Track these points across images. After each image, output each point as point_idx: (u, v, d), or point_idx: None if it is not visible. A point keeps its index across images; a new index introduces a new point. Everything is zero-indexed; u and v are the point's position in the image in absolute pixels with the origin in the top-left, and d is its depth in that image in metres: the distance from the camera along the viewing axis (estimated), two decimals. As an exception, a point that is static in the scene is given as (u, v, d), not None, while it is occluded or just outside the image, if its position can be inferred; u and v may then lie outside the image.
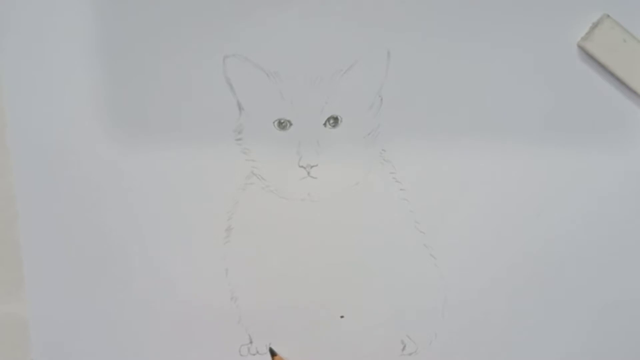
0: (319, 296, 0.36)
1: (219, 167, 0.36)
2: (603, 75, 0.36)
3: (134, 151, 0.35)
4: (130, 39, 0.35)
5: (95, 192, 0.36)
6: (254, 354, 0.36)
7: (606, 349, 0.34)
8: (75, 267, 0.36)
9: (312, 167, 0.36)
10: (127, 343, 0.36)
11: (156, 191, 0.36)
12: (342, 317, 0.36)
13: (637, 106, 0.36)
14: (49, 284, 0.36)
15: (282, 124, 0.35)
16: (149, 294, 0.36)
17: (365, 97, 0.36)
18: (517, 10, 0.35)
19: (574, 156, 0.36)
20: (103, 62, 0.35)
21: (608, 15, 0.35)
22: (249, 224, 0.36)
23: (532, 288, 0.36)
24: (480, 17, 0.35)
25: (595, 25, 0.35)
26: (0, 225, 0.36)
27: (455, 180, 0.36)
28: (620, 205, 0.36)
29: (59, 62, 0.35)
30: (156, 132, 0.35)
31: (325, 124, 0.35)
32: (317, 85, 0.35)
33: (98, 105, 0.35)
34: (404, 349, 0.36)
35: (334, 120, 0.36)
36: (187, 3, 0.35)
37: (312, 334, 0.36)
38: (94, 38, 0.35)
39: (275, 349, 0.36)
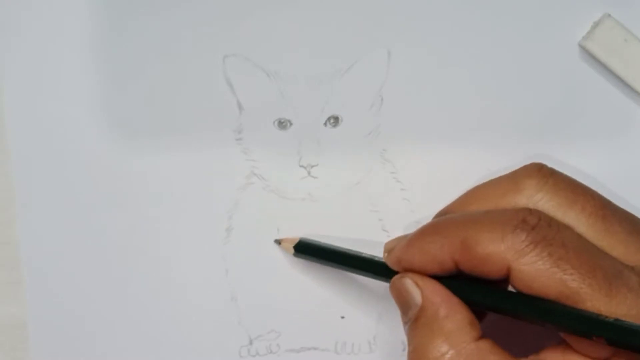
0: (319, 296, 0.36)
1: (219, 167, 0.36)
2: (604, 75, 0.36)
3: (133, 151, 0.35)
4: (129, 39, 0.35)
5: (94, 192, 0.35)
6: (254, 355, 0.36)
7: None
8: (74, 268, 0.36)
9: (312, 166, 0.36)
10: (127, 344, 0.36)
11: (156, 191, 0.36)
12: (342, 317, 0.36)
13: (639, 106, 0.36)
14: (48, 285, 0.36)
15: (283, 124, 0.35)
16: (148, 295, 0.36)
17: (366, 97, 0.36)
18: (517, 9, 0.35)
19: (575, 156, 0.36)
20: (102, 63, 0.35)
21: (609, 15, 0.35)
22: (249, 224, 0.36)
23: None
24: (481, 17, 0.35)
25: (596, 25, 0.35)
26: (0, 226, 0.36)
27: (457, 180, 0.36)
28: (622, 205, 0.36)
29: (58, 63, 0.35)
30: (155, 132, 0.35)
31: (325, 124, 0.35)
32: (317, 85, 0.35)
33: (97, 106, 0.35)
34: (404, 349, 0.36)
35: (335, 120, 0.35)
36: (187, 3, 0.35)
37: (312, 335, 0.36)
38: (94, 38, 0.35)
39: (275, 349, 0.36)
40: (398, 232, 0.36)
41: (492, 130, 0.36)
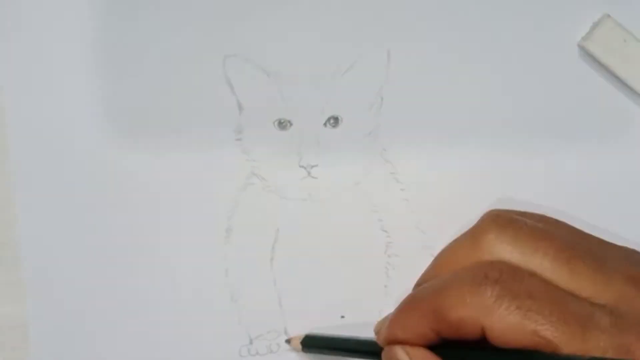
0: (319, 296, 0.36)
1: (219, 167, 0.36)
2: (603, 75, 0.36)
3: (134, 151, 0.35)
4: (129, 39, 0.35)
5: (94, 192, 0.35)
6: (254, 355, 0.36)
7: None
8: (74, 268, 0.35)
9: (312, 167, 0.36)
10: (127, 344, 0.36)
11: (156, 191, 0.35)
12: (342, 317, 0.36)
13: (638, 106, 0.36)
14: (48, 285, 0.35)
15: (282, 124, 0.35)
16: (148, 295, 0.36)
17: (366, 97, 0.36)
18: (517, 10, 0.36)
19: (575, 156, 0.36)
20: (103, 62, 0.35)
21: (609, 15, 0.35)
22: (249, 224, 0.36)
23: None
24: (480, 17, 0.36)
25: (595, 25, 0.35)
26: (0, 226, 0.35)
27: (456, 181, 0.36)
28: (621, 205, 0.36)
29: (58, 62, 0.35)
30: (156, 132, 0.35)
31: (325, 124, 0.35)
32: (317, 85, 0.35)
33: (97, 105, 0.35)
34: (404, 349, 0.36)
35: (335, 120, 0.36)
36: (187, 3, 0.35)
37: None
38: (94, 38, 0.35)
39: (275, 349, 0.36)
40: (398, 232, 0.36)
41: (492, 130, 0.36)
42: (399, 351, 0.29)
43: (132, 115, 0.35)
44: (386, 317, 0.31)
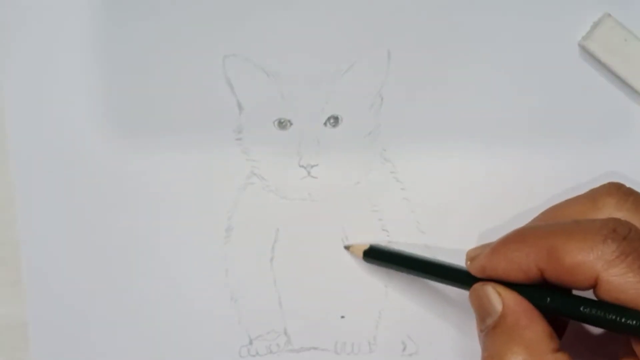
0: (319, 296, 0.36)
1: (219, 167, 0.36)
2: (604, 75, 0.36)
3: (133, 151, 0.35)
4: (129, 39, 0.35)
5: (94, 192, 0.35)
6: (253, 355, 0.36)
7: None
8: (74, 268, 0.36)
9: (312, 166, 0.36)
10: (127, 344, 0.36)
11: (156, 191, 0.36)
12: (342, 317, 0.36)
13: (638, 105, 0.36)
14: (48, 285, 0.36)
15: (282, 124, 0.35)
16: (148, 295, 0.36)
17: (366, 97, 0.36)
18: (518, 9, 0.35)
19: (575, 156, 0.36)
20: (102, 62, 0.35)
21: (609, 15, 0.35)
22: (249, 224, 0.36)
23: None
24: (481, 17, 0.35)
25: (596, 25, 0.35)
26: (0, 226, 0.36)
27: (457, 180, 0.36)
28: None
29: (58, 62, 0.35)
30: (155, 132, 0.35)
31: (325, 124, 0.35)
32: (317, 84, 0.35)
33: (97, 105, 0.35)
34: (404, 349, 0.36)
35: (335, 120, 0.36)
36: (187, 3, 0.35)
37: (312, 334, 0.36)
38: (94, 38, 0.35)
39: (275, 349, 0.36)
40: (398, 232, 0.36)
41: (492, 130, 0.36)
42: (490, 291, 0.28)
43: (132, 115, 0.35)
44: (482, 245, 0.30)
